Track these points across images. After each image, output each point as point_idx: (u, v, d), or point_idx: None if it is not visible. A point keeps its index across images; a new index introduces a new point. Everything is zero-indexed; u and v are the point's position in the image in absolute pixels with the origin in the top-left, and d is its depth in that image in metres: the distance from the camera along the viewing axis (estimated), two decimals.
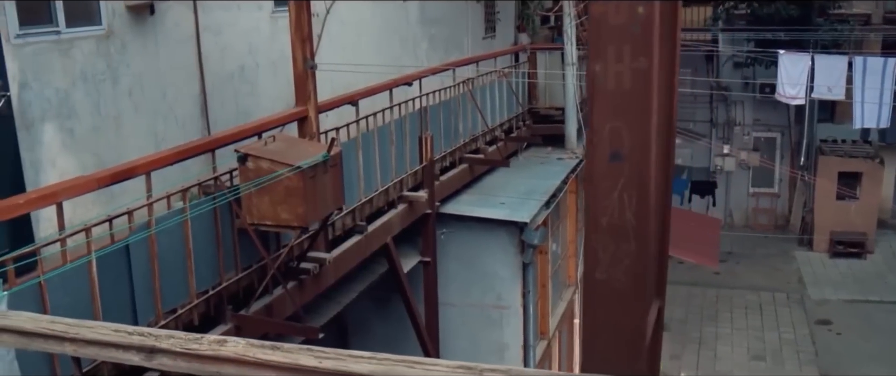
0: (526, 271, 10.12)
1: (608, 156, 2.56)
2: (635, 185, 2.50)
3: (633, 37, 2.38)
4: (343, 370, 1.88)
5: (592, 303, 2.64)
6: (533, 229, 9.82)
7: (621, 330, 2.54)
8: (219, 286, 5.88)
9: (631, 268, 2.54)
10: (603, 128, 2.55)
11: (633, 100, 2.45)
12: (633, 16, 2.37)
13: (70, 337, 2.17)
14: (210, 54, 8.24)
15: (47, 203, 4.53)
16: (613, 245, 2.58)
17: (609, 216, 2.57)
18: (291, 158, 5.86)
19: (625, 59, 2.41)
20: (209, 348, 2.01)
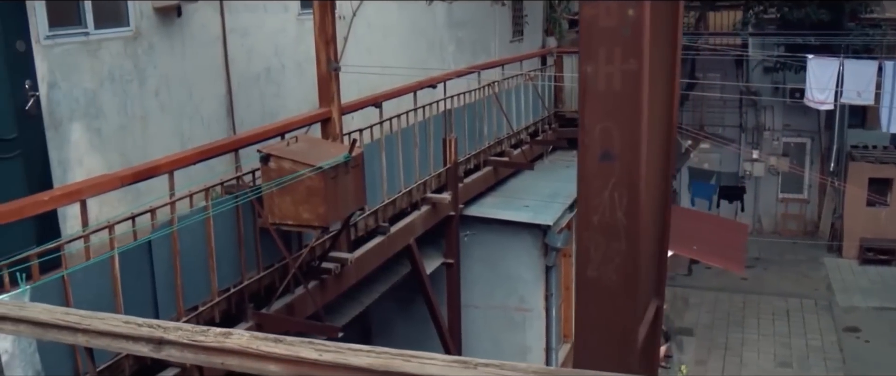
0: (549, 274, 10.15)
1: (599, 155, 2.60)
2: (626, 185, 2.54)
3: (623, 39, 2.42)
4: (342, 362, 1.93)
5: (584, 301, 2.68)
6: (556, 232, 9.84)
7: (613, 327, 2.58)
8: (240, 284, 5.96)
9: (622, 267, 2.58)
10: (594, 129, 2.59)
11: (624, 102, 2.49)
12: (623, 18, 2.42)
13: (82, 328, 2.24)
14: (236, 55, 8.34)
15: (71, 200, 4.62)
16: (604, 243, 2.62)
17: (600, 214, 2.61)
18: (313, 159, 5.93)
19: (615, 60, 2.45)
20: (214, 340, 2.07)
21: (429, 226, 9.12)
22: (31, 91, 5.96)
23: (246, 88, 8.55)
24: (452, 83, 9.95)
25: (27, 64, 5.98)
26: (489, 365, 1.82)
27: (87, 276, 4.54)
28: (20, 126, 5.90)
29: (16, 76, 5.86)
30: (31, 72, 6.01)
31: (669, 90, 3.27)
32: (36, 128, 6.04)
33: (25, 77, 5.96)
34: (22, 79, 5.93)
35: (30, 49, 6.02)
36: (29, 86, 5.97)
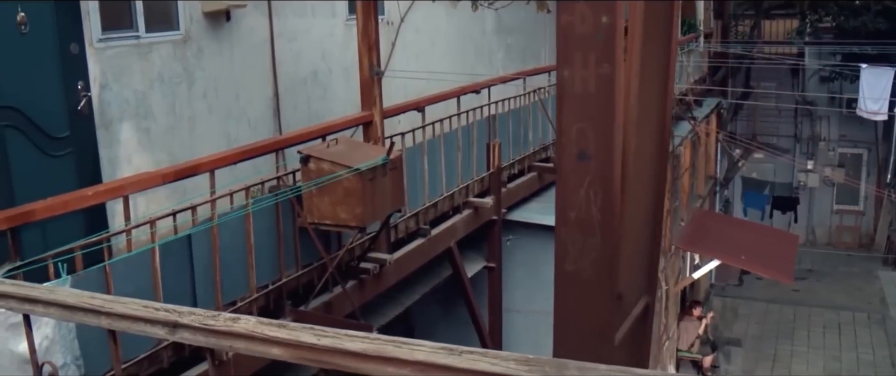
0: None
1: (575, 155, 2.71)
2: (601, 183, 2.64)
3: (597, 44, 2.53)
4: (339, 347, 2.05)
5: (563, 295, 2.78)
6: None
7: (590, 320, 2.69)
8: (279, 281, 6.11)
9: (597, 261, 2.68)
10: (570, 129, 2.70)
11: (598, 104, 2.59)
12: (597, 25, 2.52)
13: (105, 311, 2.39)
14: (283, 59, 8.54)
15: (114, 195, 4.82)
16: (581, 239, 2.71)
17: (577, 211, 2.71)
18: (352, 160, 6.07)
19: (590, 65, 2.56)
20: (224, 324, 2.20)
21: (470, 230, 9.21)
22: (83, 92, 6.18)
23: (293, 91, 8.75)
24: (497, 89, 10.05)
25: (80, 66, 6.20)
26: (473, 352, 1.93)
27: (128, 269, 4.72)
28: (72, 125, 6.13)
29: (69, 77, 6.08)
30: (84, 73, 6.24)
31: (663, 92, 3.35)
32: (87, 128, 6.26)
33: (78, 78, 6.19)
34: (75, 80, 6.16)
35: (83, 51, 6.25)
36: (82, 86, 6.19)
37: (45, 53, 5.92)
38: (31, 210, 4.36)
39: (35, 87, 5.88)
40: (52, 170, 5.75)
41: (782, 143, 23.97)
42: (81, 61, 6.22)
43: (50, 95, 5.99)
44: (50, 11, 5.94)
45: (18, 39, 5.75)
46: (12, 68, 5.67)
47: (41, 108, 5.88)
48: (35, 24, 5.82)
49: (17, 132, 5.75)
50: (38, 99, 5.87)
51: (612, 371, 1.79)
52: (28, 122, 5.78)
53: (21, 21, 5.75)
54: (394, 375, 2.00)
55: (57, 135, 5.98)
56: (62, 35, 6.03)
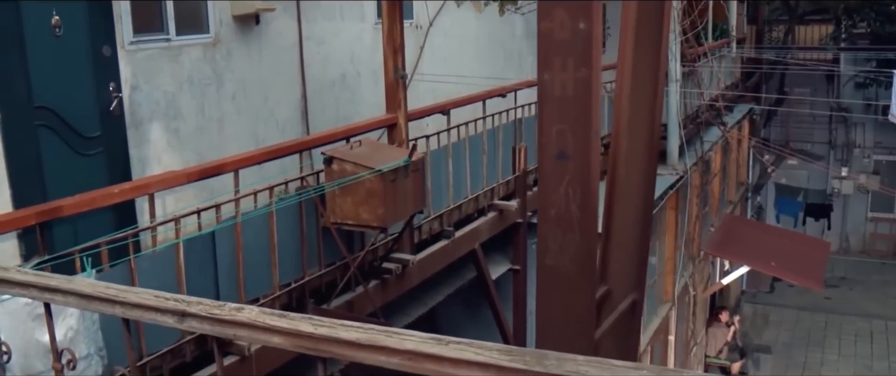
0: None
1: (555, 155, 2.80)
2: (579, 182, 2.73)
3: (575, 50, 2.63)
4: (334, 336, 2.15)
5: (544, 288, 2.88)
6: None
7: (570, 311, 2.78)
8: (301, 280, 6.24)
9: (576, 256, 2.77)
10: (550, 131, 2.80)
11: (576, 106, 2.69)
12: (575, 32, 2.62)
13: (119, 300, 2.51)
14: (312, 62, 8.68)
15: (140, 193, 4.97)
16: (561, 235, 2.81)
17: (556, 208, 2.81)
18: (374, 162, 6.19)
19: (569, 69, 2.66)
20: (228, 314, 2.32)
21: (495, 233, 9.29)
22: (114, 93, 6.36)
23: (321, 94, 8.88)
24: (524, 93, 10.12)
25: (112, 67, 6.38)
26: (460, 342, 2.02)
27: (152, 266, 4.87)
28: (103, 125, 6.30)
29: (101, 78, 6.27)
30: (116, 75, 6.41)
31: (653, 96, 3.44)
32: (118, 128, 6.44)
33: (110, 79, 6.37)
34: (107, 81, 6.33)
35: (115, 53, 6.43)
36: (113, 87, 6.37)
37: (78, 55, 6.11)
38: (59, 206, 4.52)
39: (68, 87, 6.07)
40: (83, 168, 5.94)
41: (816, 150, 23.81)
42: (113, 63, 6.41)
43: (82, 96, 6.17)
44: (83, 14, 6.13)
45: (53, 41, 5.93)
46: (47, 69, 5.86)
47: (74, 109, 6.06)
48: (69, 27, 6.00)
49: (50, 131, 5.93)
50: (70, 99, 6.05)
51: (590, 361, 1.88)
52: (61, 122, 5.96)
53: (56, 24, 5.93)
54: (385, 363, 2.10)
55: (88, 135, 6.17)
56: (95, 37, 6.23)
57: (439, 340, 2.05)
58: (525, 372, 1.91)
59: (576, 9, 2.67)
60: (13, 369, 3.43)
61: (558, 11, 2.70)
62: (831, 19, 22.17)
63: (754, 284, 20.53)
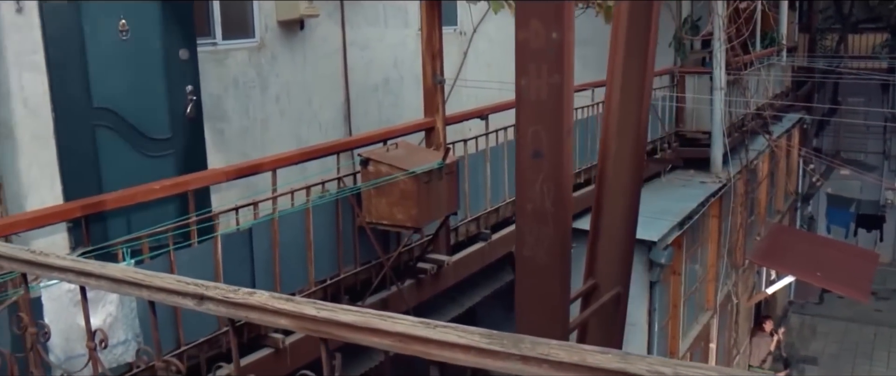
0: (652, 289, 10.31)
1: (531, 154, 2.98)
2: (553, 179, 2.91)
3: (549, 57, 2.82)
4: (334, 318, 2.34)
5: (522, 277, 3.06)
6: (661, 248, 10.01)
7: (545, 300, 2.96)
8: (337, 277, 6.45)
9: (550, 248, 2.95)
10: (527, 131, 2.98)
11: (550, 109, 2.87)
12: (549, 41, 2.81)
13: (145, 284, 2.72)
14: (355, 66, 8.91)
15: (179, 190, 5.21)
16: (536, 228, 2.98)
17: (532, 203, 2.98)
18: (408, 164, 6.38)
19: (543, 75, 2.84)
20: (241, 297, 2.51)
21: None
22: (190, 96, 6.51)
23: (364, 98, 9.11)
24: None
25: (189, 70, 6.54)
26: (446, 326, 2.20)
27: (192, 259, 5.11)
28: (174, 127, 6.46)
29: (174, 81, 6.41)
30: (194, 78, 6.57)
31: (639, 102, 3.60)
32: (193, 131, 6.58)
33: (186, 82, 6.50)
34: (182, 84, 6.47)
35: (194, 56, 6.57)
36: (190, 90, 6.51)
37: (147, 58, 6.22)
38: (102, 200, 4.78)
39: (134, 90, 6.20)
40: (150, 170, 6.04)
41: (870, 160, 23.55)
42: (191, 66, 6.55)
43: (151, 99, 6.30)
44: (156, 18, 6.25)
45: (118, 44, 6.14)
46: (109, 71, 6.05)
47: (140, 111, 6.21)
48: (138, 30, 6.17)
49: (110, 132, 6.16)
50: (136, 102, 6.20)
51: (562, 346, 2.04)
52: (123, 123, 6.16)
53: (122, 27, 6.14)
54: (379, 344, 2.29)
55: (156, 137, 6.30)
56: (168, 41, 6.34)
57: (427, 324, 2.23)
58: (502, 354, 2.09)
59: (550, 20, 2.87)
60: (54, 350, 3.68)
61: (533, 22, 2.90)
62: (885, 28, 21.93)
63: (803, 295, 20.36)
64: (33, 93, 5.50)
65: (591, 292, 4.49)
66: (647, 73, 3.72)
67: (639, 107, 3.55)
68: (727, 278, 13.63)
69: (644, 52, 3.58)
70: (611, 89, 3.87)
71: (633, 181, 3.67)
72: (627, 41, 3.01)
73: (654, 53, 3.78)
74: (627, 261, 4.09)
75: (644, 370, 1.91)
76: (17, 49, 5.42)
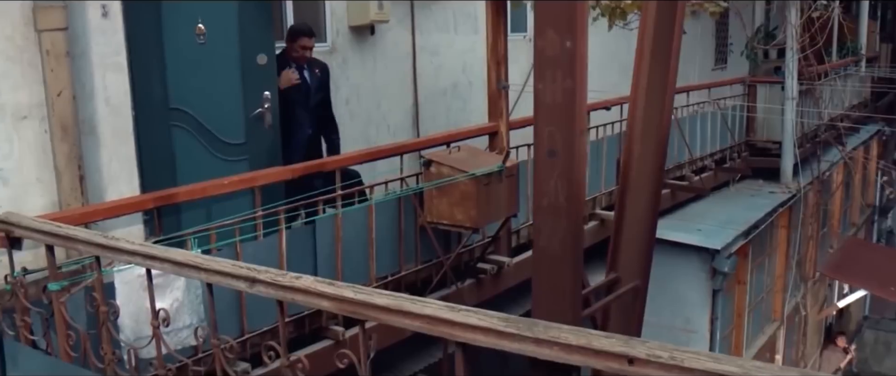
0: (715, 297, 10.35)
1: (546, 153, 3.16)
2: (566, 176, 3.10)
3: (563, 64, 3.00)
4: (370, 301, 2.56)
5: (538, 266, 3.24)
6: (725, 257, 10.04)
7: (557, 287, 3.14)
8: (397, 274, 6.68)
9: (563, 240, 3.13)
10: (543, 132, 3.17)
11: (563, 112, 3.05)
12: (563, 49, 2.99)
13: (204, 267, 2.98)
14: (425, 71, 9.15)
15: (246, 185, 5.49)
16: (551, 221, 3.16)
17: (548, 198, 3.16)
18: (469, 166, 6.58)
19: (557, 80, 3.02)
20: (288, 281, 2.75)
21: (595, 241, 9.54)
22: (266, 102, 6.78)
23: (432, 101, 9.35)
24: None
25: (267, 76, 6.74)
26: (469, 310, 2.40)
27: (256, 251, 5.37)
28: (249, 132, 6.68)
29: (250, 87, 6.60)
30: (271, 83, 6.80)
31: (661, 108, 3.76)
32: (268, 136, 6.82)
33: (263, 88, 6.69)
34: (258, 89, 6.66)
35: (272, 62, 6.81)
36: (267, 96, 6.78)
37: (223, 62, 6.47)
38: (173, 193, 5.09)
39: (209, 93, 6.45)
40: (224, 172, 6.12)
41: None
42: (268, 72, 6.77)
43: (226, 103, 6.54)
44: (233, 23, 6.49)
45: (195, 48, 6.44)
46: (186, 74, 6.35)
47: (215, 114, 6.48)
48: (215, 35, 6.43)
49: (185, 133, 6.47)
50: (211, 105, 6.46)
51: (571, 330, 2.23)
52: (198, 125, 6.45)
53: (199, 32, 6.44)
54: (410, 325, 2.50)
55: (231, 141, 6.55)
56: (245, 46, 6.54)
57: (452, 308, 2.43)
58: (517, 336, 2.28)
59: (563, 30, 3.08)
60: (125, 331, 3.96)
61: (549, 32, 3.10)
62: None
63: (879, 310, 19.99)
64: (115, 92, 5.83)
65: (613, 283, 4.95)
66: (669, 76, 3.90)
67: (661, 111, 3.73)
68: (796, 290, 13.53)
69: (667, 55, 3.76)
70: (636, 93, 4.07)
71: (653, 182, 3.86)
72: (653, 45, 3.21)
73: (677, 57, 3.96)
74: (647, 256, 4.42)
75: (643, 353, 2.09)
76: (102, 51, 5.75)
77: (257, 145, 6.62)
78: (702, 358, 2.03)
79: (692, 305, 10.44)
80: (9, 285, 3.93)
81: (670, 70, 3.87)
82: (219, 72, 6.45)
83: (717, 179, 12.35)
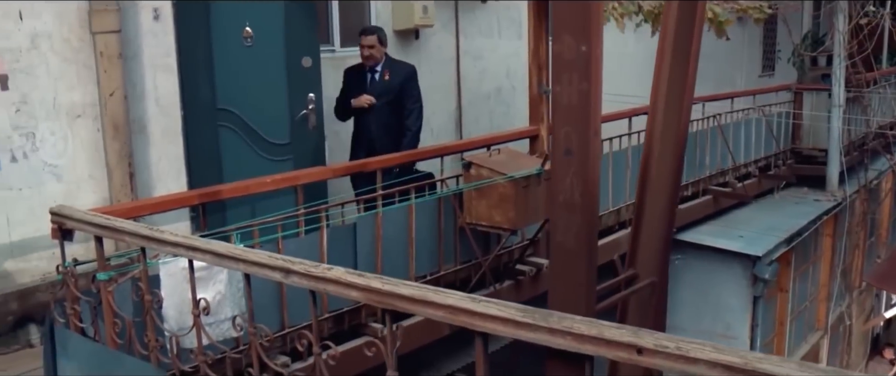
0: (756, 304, 10.34)
1: (563, 151, 3.27)
2: (581, 174, 3.22)
3: (578, 67, 3.12)
4: (396, 292, 2.68)
5: (555, 259, 3.35)
6: (766, 264, 10.04)
7: (572, 280, 3.25)
8: (436, 273, 6.81)
9: (578, 235, 3.24)
10: (560, 132, 3.29)
11: (579, 113, 3.17)
12: (578, 53, 3.11)
13: (242, 258, 3.13)
14: (468, 75, 9.28)
15: (289, 184, 5.66)
16: (566, 217, 3.27)
17: (564, 195, 3.27)
18: (508, 169, 6.69)
19: (574, 83, 3.14)
20: (321, 272, 2.89)
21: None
22: (311, 104, 7.00)
23: (475, 105, 9.47)
24: None
25: (312, 79, 7.00)
26: (489, 301, 2.52)
27: (298, 248, 5.52)
28: (294, 133, 6.93)
29: (296, 89, 6.88)
30: (316, 86, 7.03)
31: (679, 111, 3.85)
32: (313, 136, 7.08)
33: (308, 90, 6.97)
34: (303, 91, 6.94)
35: (318, 65, 7.04)
36: (312, 97, 7.00)
37: (269, 65, 6.72)
38: (218, 190, 5.27)
39: (255, 95, 6.70)
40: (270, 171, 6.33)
41: None
42: (313, 74, 7.01)
43: (271, 104, 6.80)
44: (280, 27, 6.75)
45: (242, 51, 6.67)
46: (233, 76, 6.58)
47: (260, 115, 6.71)
48: (262, 38, 6.67)
49: (232, 133, 6.70)
50: (257, 106, 6.70)
51: (584, 321, 2.34)
52: (244, 125, 6.68)
53: (246, 35, 6.67)
54: (433, 315, 2.62)
55: (276, 141, 6.78)
56: (292, 49, 6.81)
57: (473, 299, 2.55)
58: (533, 326, 2.40)
59: (579, 35, 3.21)
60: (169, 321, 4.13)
61: (566, 37, 3.23)
62: None
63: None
64: (165, 92, 6.05)
65: (631, 279, 5.20)
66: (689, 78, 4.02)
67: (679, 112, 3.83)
68: (841, 299, 13.43)
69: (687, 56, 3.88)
70: (656, 94, 4.18)
71: (672, 182, 3.98)
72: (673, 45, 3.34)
73: (696, 58, 4.08)
74: (665, 254, 4.67)
75: (651, 343, 2.19)
76: (153, 52, 5.97)
77: (302, 145, 6.83)
78: (706, 349, 2.13)
79: (732, 311, 10.45)
80: (60, 275, 4.13)
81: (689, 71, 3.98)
82: (265, 73, 6.66)
83: (761, 186, 12.31)
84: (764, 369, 2.02)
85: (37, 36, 5.45)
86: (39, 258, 5.59)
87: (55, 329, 4.24)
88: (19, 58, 5.39)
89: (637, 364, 2.22)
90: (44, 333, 4.46)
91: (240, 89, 6.62)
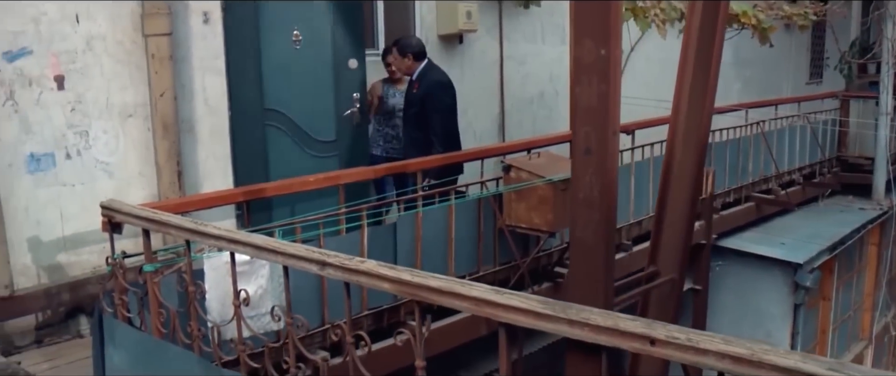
0: (797, 312, 10.31)
1: (583, 151, 3.38)
2: (599, 172, 3.32)
3: (598, 70, 3.23)
4: (424, 284, 2.81)
5: (574, 254, 3.45)
6: (807, 271, 10.01)
7: (591, 274, 3.35)
8: (475, 274, 6.92)
9: (596, 231, 3.35)
10: (580, 132, 3.39)
11: (598, 114, 3.28)
12: (598, 56, 3.23)
13: (280, 251, 3.28)
14: (512, 79, 9.39)
15: (331, 183, 5.81)
16: (586, 213, 3.37)
17: (583, 192, 3.37)
18: (547, 172, 6.79)
19: (593, 85, 3.25)
20: (354, 264, 3.02)
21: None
22: (356, 102, 7.21)
23: (519, 110, 9.58)
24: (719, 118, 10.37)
25: (357, 79, 7.21)
26: (513, 294, 2.64)
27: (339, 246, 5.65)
28: (340, 131, 7.13)
29: (342, 88, 7.09)
30: (360, 86, 7.24)
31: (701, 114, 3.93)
32: (357, 134, 7.28)
33: (353, 90, 7.18)
34: (349, 91, 7.15)
35: (363, 66, 7.25)
36: (356, 97, 7.19)
37: (317, 66, 6.93)
38: (262, 188, 5.44)
39: (303, 95, 6.89)
40: (315, 169, 6.64)
41: None
42: (358, 75, 7.22)
43: (318, 104, 7.01)
44: (327, 29, 6.95)
45: (291, 53, 6.86)
46: (282, 77, 6.77)
47: (308, 114, 6.91)
48: (310, 41, 6.86)
49: (279, 132, 6.89)
50: (305, 106, 6.90)
51: (601, 313, 2.45)
52: (292, 125, 6.87)
53: (295, 38, 6.87)
54: (459, 306, 2.75)
55: (322, 139, 6.99)
56: (338, 51, 7.03)
57: (497, 291, 2.68)
58: (553, 317, 2.51)
59: (599, 39, 3.34)
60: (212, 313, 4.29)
61: (586, 41, 3.36)
62: None
63: None
64: (213, 93, 6.24)
65: (653, 275, 5.30)
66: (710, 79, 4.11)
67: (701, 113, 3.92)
68: (886, 309, 13.31)
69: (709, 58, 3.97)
70: (679, 96, 4.28)
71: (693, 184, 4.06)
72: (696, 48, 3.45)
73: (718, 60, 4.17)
74: (684, 252, 4.89)
75: (663, 335, 2.30)
76: (202, 54, 6.17)
77: (347, 142, 7.03)
78: (715, 340, 2.23)
79: (773, 319, 10.43)
80: (109, 267, 4.32)
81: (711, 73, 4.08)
82: (313, 74, 6.85)
83: (806, 194, 12.26)
84: (769, 360, 2.11)
85: (92, 38, 5.67)
86: (90, 252, 5.81)
87: (104, 318, 4.43)
88: (75, 59, 5.61)
89: (650, 354, 2.32)
90: (93, 323, 4.65)
91: (287, 89, 6.81)
